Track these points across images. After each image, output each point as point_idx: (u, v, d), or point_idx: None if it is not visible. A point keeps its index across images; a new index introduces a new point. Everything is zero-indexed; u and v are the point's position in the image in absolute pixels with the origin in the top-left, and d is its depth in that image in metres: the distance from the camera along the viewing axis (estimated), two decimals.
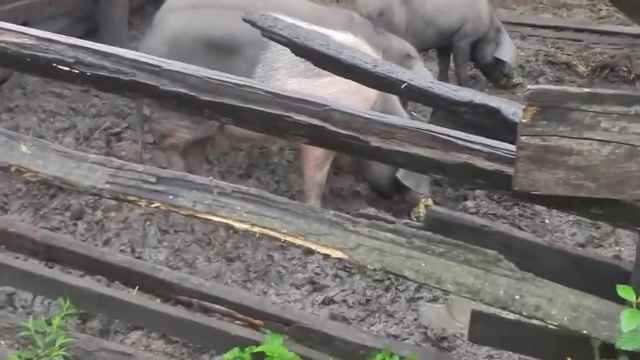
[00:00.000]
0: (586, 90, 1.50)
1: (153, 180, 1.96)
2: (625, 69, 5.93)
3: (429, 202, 3.56)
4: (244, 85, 1.78)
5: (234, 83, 1.78)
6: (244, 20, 1.91)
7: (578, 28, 6.95)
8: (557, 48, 6.46)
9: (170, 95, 1.81)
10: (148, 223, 3.46)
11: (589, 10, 7.62)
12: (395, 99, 3.45)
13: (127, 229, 3.45)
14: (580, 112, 1.49)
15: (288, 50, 3.18)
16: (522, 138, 1.52)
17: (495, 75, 5.45)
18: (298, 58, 3.18)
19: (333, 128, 1.73)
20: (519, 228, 3.61)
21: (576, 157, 1.52)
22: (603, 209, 1.63)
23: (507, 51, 5.29)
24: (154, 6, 4.22)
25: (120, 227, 3.45)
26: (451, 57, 5.34)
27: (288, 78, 3.25)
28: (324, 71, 3.17)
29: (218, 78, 1.79)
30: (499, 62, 5.34)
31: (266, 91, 1.77)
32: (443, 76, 5.42)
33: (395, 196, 3.81)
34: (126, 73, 1.83)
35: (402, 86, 1.86)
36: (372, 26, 4.01)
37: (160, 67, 1.82)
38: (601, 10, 7.62)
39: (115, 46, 5.54)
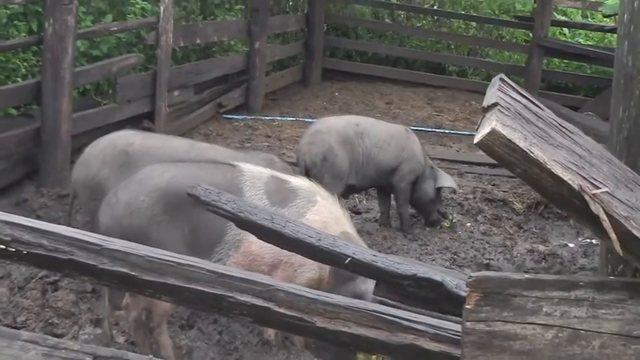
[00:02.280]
0: (526, 276, 1.53)
1: (89, 359, 1.88)
2: None
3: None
4: (187, 264, 1.76)
5: (177, 262, 1.76)
6: (188, 195, 1.91)
7: None
8: (494, 185, 6.68)
9: (110, 274, 1.77)
10: None
11: None
12: (356, 238, 3.44)
13: None
14: (522, 297, 1.51)
15: (260, 193, 3.25)
16: (467, 324, 1.53)
17: (434, 216, 5.54)
18: (267, 202, 3.23)
19: (277, 309, 1.71)
20: None
21: (521, 341, 1.53)
22: None
23: (447, 180, 5.43)
24: None
25: None
26: (392, 197, 5.46)
27: None
28: (290, 215, 3.23)
29: (160, 257, 1.77)
30: (438, 197, 5.46)
31: (209, 270, 1.75)
32: (384, 217, 5.51)
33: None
34: (64, 252, 1.79)
35: (346, 260, 1.87)
36: (291, 172, 4.11)
37: (100, 245, 1.78)
38: None
39: (57, 187, 5.45)
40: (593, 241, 5.72)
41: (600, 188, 1.30)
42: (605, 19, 10.38)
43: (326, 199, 3.41)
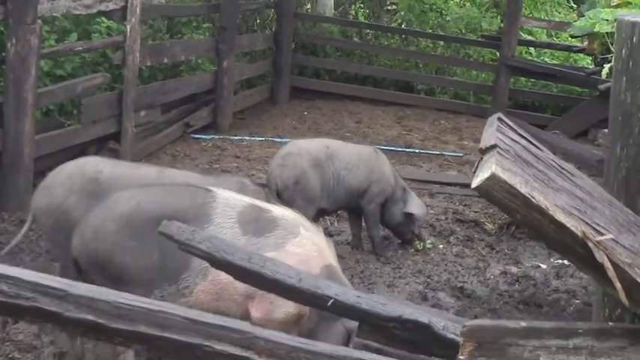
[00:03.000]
0: (523, 324, 1.45)
1: None
2: None
3: None
4: (159, 310, 1.64)
5: (148, 308, 1.64)
6: (160, 233, 1.80)
7: None
8: (465, 205, 6.65)
9: (76, 322, 1.64)
10: None
11: None
12: (339, 270, 3.28)
13: None
14: (518, 346, 1.43)
15: (232, 221, 3.13)
16: None
17: (407, 235, 5.48)
18: (239, 231, 3.10)
19: (257, 358, 1.60)
20: None
21: None
22: None
23: (415, 205, 5.36)
24: None
25: None
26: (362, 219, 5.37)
27: None
28: (266, 246, 3.07)
29: (130, 303, 1.65)
30: (409, 220, 5.39)
31: (183, 317, 1.64)
32: (356, 240, 5.42)
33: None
34: (26, 298, 1.66)
35: (329, 302, 1.77)
36: (264, 196, 4.00)
37: (65, 291, 1.66)
38: None
39: (19, 212, 5.28)
40: (565, 262, 5.70)
41: (604, 234, 1.22)
42: (571, 39, 10.50)
43: (309, 231, 3.28)
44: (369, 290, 4.80)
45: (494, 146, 1.22)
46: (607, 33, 5.41)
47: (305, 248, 3.10)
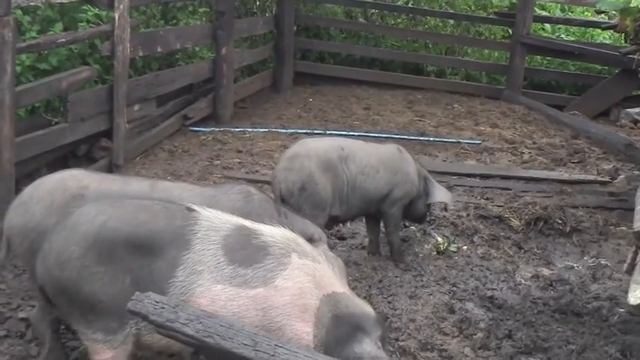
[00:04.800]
0: None
1: None
2: (560, 221, 5.61)
3: None
4: None
5: None
6: (131, 312, 1.31)
7: (505, 175, 6.72)
8: (487, 199, 6.15)
9: None
10: None
11: (511, 153, 7.45)
12: (347, 297, 2.86)
13: None
14: None
15: (215, 248, 2.65)
16: None
17: (426, 219, 5.17)
18: (223, 260, 2.66)
19: None
20: None
21: None
22: None
23: (441, 194, 4.92)
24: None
25: None
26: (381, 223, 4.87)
27: (213, 284, 2.67)
28: (254, 279, 2.66)
29: None
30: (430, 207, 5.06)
31: None
32: (373, 245, 4.91)
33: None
34: None
35: None
36: (272, 205, 3.53)
37: None
38: (523, 153, 7.47)
39: None
40: (601, 261, 5.21)
41: None
42: (587, 13, 9.92)
43: (304, 257, 2.79)
44: (390, 304, 4.31)
45: None
46: None
47: (297, 281, 2.68)
